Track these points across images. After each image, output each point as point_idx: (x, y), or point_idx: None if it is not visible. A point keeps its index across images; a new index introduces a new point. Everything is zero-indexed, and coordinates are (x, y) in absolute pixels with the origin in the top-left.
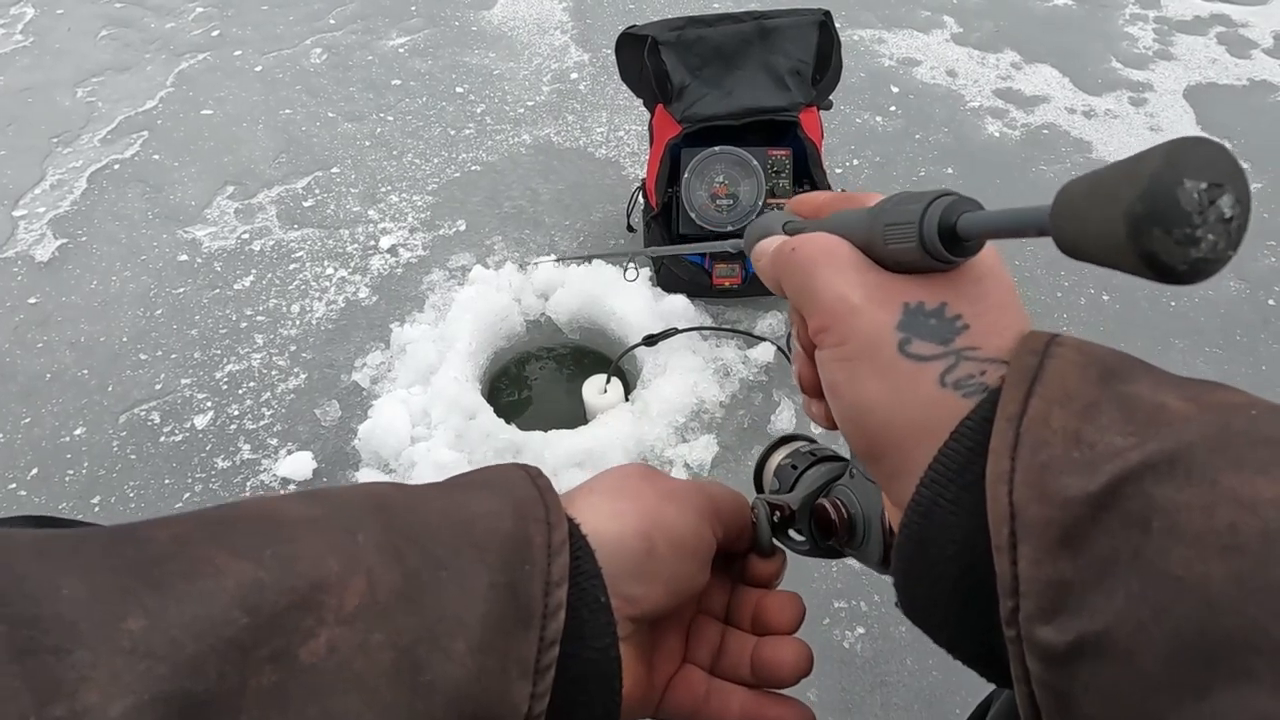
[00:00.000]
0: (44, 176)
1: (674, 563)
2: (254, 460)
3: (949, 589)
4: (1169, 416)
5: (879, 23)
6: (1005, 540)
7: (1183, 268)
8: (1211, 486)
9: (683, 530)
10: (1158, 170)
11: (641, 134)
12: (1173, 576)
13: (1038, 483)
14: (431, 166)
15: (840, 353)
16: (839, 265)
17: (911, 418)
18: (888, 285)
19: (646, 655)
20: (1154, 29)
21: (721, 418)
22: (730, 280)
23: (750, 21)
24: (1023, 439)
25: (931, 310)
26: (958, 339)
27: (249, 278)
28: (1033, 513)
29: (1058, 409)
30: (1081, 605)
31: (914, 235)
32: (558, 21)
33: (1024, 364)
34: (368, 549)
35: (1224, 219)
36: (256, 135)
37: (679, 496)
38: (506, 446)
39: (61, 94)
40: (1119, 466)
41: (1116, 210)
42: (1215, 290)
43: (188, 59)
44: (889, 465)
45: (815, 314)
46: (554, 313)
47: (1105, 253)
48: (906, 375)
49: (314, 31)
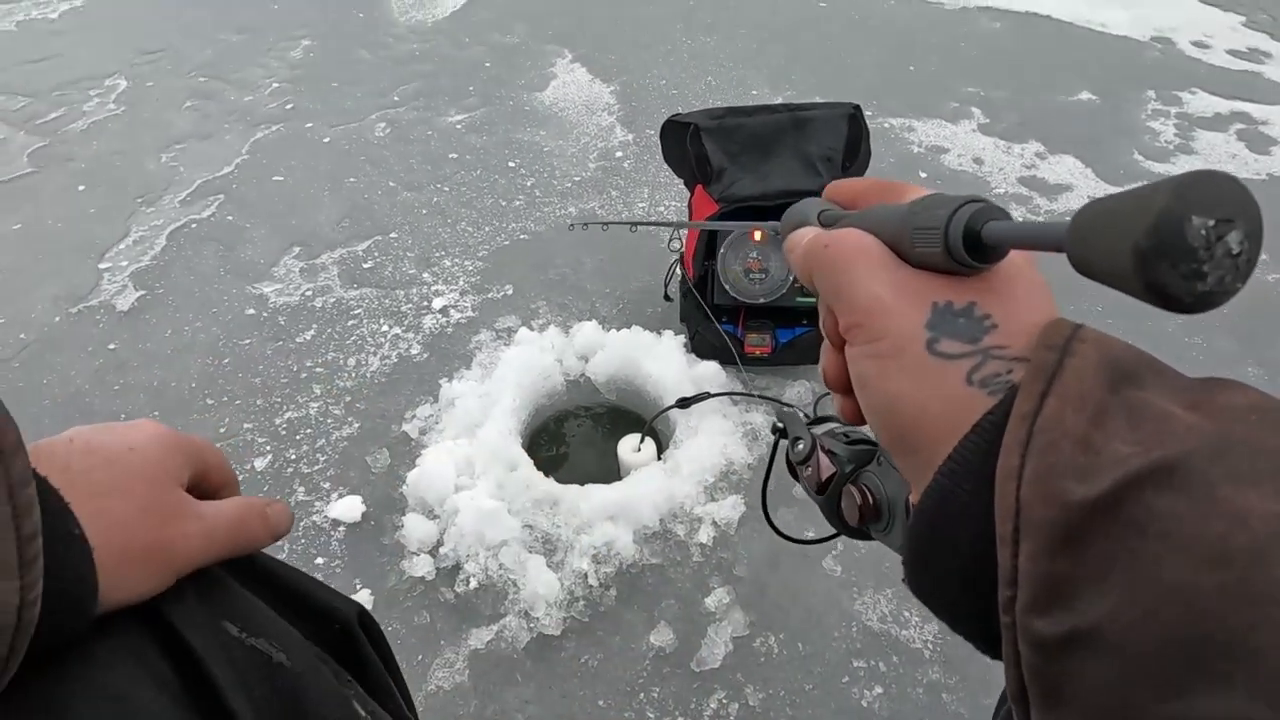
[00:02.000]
0: (128, 233)
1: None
2: (308, 502)
3: (956, 571)
4: (1173, 425)
5: (909, 111)
6: (1009, 534)
7: (1189, 300)
8: (1206, 497)
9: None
10: (1166, 205)
11: (680, 209)
12: (1164, 582)
13: (1044, 483)
14: (483, 234)
15: (871, 350)
16: (871, 264)
17: (939, 413)
18: (918, 284)
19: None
20: (1175, 124)
21: (749, 479)
22: (761, 349)
23: (786, 113)
24: (1035, 438)
25: (960, 309)
26: (985, 338)
27: (310, 332)
28: (1037, 512)
29: (1071, 411)
30: (1075, 602)
31: (939, 241)
32: (605, 104)
33: (1043, 360)
34: None
35: (1231, 254)
36: (322, 201)
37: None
38: (544, 497)
39: (147, 158)
40: (1120, 473)
41: (1126, 242)
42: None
43: (263, 129)
44: (916, 459)
45: (847, 311)
46: (593, 374)
47: (1114, 278)
48: (935, 372)
49: (379, 107)
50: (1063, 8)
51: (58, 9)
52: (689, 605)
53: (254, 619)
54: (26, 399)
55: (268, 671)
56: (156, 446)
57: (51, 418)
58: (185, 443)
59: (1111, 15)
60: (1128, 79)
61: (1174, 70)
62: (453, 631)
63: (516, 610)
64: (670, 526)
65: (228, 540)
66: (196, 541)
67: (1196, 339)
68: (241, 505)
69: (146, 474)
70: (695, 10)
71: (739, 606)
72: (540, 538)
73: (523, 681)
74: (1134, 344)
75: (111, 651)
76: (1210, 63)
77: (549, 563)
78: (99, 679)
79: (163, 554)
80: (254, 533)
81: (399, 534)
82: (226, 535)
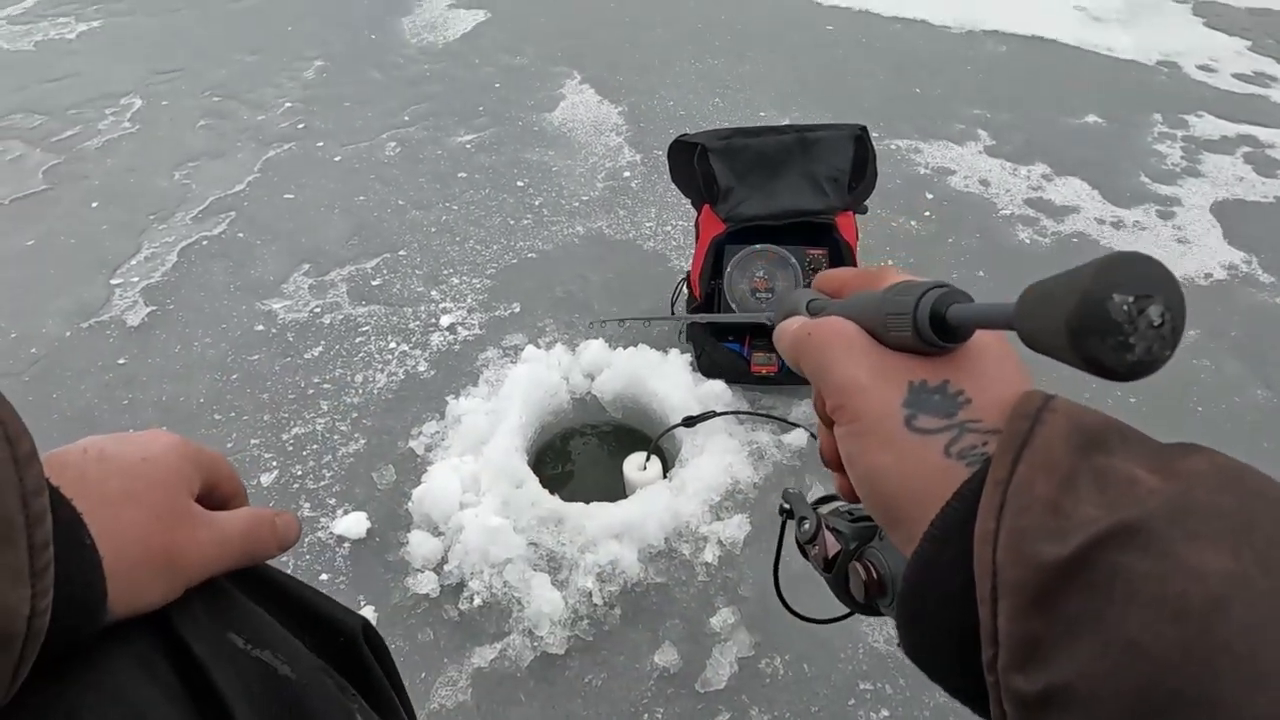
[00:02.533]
0: (140, 249)
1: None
2: (313, 518)
3: (944, 633)
4: (1137, 489)
5: (916, 133)
6: (988, 594)
7: (1122, 370)
8: (1166, 556)
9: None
10: (1089, 286)
11: (687, 229)
12: (1129, 638)
13: (1017, 546)
14: (491, 252)
15: (854, 429)
16: (849, 349)
17: (921, 486)
18: (894, 365)
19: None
20: (1182, 147)
21: (755, 499)
22: (767, 368)
23: (792, 134)
24: (1008, 503)
25: (935, 387)
26: (960, 412)
27: (318, 348)
28: (1011, 573)
29: (1041, 477)
30: (1050, 659)
31: (909, 325)
32: (613, 124)
33: (1015, 429)
34: None
35: (1154, 325)
36: (332, 219)
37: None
38: (549, 515)
39: (161, 176)
40: (1088, 534)
41: (1060, 320)
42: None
43: (275, 148)
44: (904, 530)
45: (830, 393)
46: (599, 392)
47: (1056, 352)
48: (914, 447)
49: (389, 127)
50: (1068, 32)
51: (75, 29)
52: (694, 625)
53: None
54: (35, 413)
55: (272, 683)
56: (170, 456)
57: (60, 432)
58: (198, 453)
59: (1117, 39)
60: (1134, 102)
61: (1180, 93)
62: (456, 649)
63: (520, 629)
64: (675, 545)
65: (238, 550)
66: (208, 550)
67: (1204, 361)
68: (251, 515)
69: (160, 483)
70: (703, 33)
71: (744, 627)
72: (545, 556)
73: (526, 701)
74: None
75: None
76: (1217, 86)
77: (553, 581)
78: (107, 686)
79: (173, 563)
80: (263, 543)
81: (404, 550)
82: (237, 545)
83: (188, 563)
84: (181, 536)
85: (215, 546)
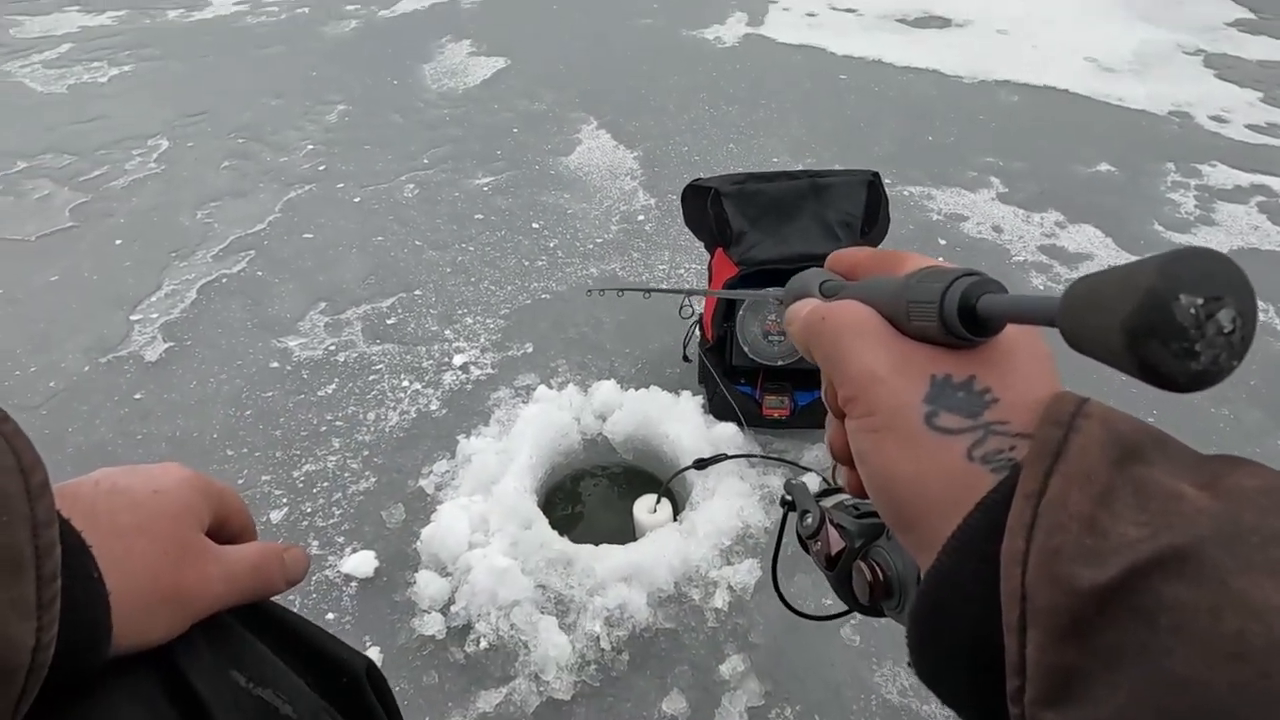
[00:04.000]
0: (160, 286)
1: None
2: (321, 556)
3: (962, 656)
4: (1182, 507)
5: (928, 180)
6: (1015, 621)
7: (1183, 380)
8: (1220, 588)
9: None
10: (1152, 284)
11: (700, 272)
12: (1176, 678)
13: (1050, 568)
14: (505, 293)
15: (867, 423)
16: (866, 336)
17: (939, 490)
18: (915, 356)
19: None
20: (1195, 196)
21: (765, 543)
22: (779, 411)
23: (805, 179)
24: (1039, 520)
25: (959, 383)
26: (986, 412)
27: (332, 386)
28: (1043, 598)
29: (1076, 491)
30: (1085, 695)
31: (935, 314)
32: (628, 169)
33: (1047, 437)
34: None
35: (1224, 333)
36: (350, 258)
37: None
38: (558, 557)
39: (184, 215)
40: (1129, 559)
41: (1115, 319)
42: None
43: (296, 189)
44: (917, 536)
45: (843, 384)
46: (611, 433)
47: (1107, 355)
48: (933, 447)
49: (409, 169)
50: (1080, 82)
51: (107, 74)
52: (703, 672)
53: (262, 669)
54: (50, 446)
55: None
56: (182, 489)
57: (74, 464)
58: (209, 487)
59: (1128, 90)
60: (1146, 151)
61: (1193, 143)
62: (461, 693)
63: (527, 673)
64: (685, 590)
65: (246, 585)
66: (215, 586)
67: (1224, 410)
68: (260, 550)
69: (170, 516)
70: (719, 81)
71: (754, 675)
72: (553, 598)
73: None
74: (1157, 415)
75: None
76: (1229, 136)
77: (561, 624)
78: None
79: (180, 598)
80: (271, 579)
81: (411, 591)
82: (245, 581)
83: (194, 598)
84: (190, 572)
85: (223, 582)
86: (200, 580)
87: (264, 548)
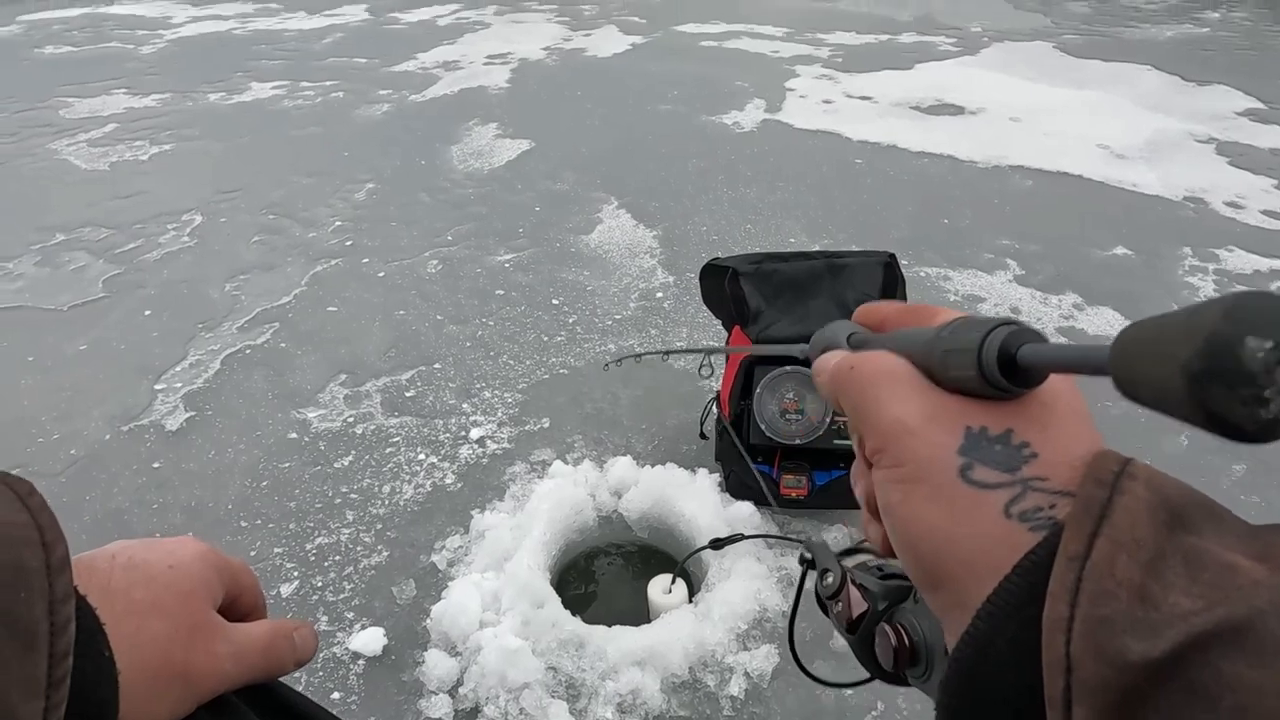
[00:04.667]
0: (185, 356)
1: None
2: (330, 632)
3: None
4: (1238, 579)
5: (945, 262)
6: (1060, 694)
7: (1252, 428)
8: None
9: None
10: (1218, 327)
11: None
12: None
13: (1097, 638)
14: (523, 368)
15: (896, 474)
16: (897, 386)
17: (972, 548)
18: (949, 408)
19: None
20: (1214, 280)
21: (784, 628)
22: (797, 491)
23: (822, 259)
24: (1084, 585)
25: (996, 436)
26: (1025, 467)
27: (348, 458)
28: (1090, 670)
29: (1124, 557)
30: None
31: (973, 363)
32: (648, 247)
33: (1091, 496)
34: None
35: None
36: (372, 331)
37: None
38: (570, 638)
39: (212, 287)
40: (1184, 633)
41: (1173, 365)
42: None
43: (322, 263)
44: (946, 596)
45: (871, 434)
46: (626, 510)
47: (1166, 403)
48: (967, 502)
49: (433, 246)
50: (1094, 168)
51: (148, 151)
52: None
53: None
54: (67, 514)
55: None
56: (196, 565)
57: (90, 534)
58: (224, 563)
59: (1142, 176)
60: (1162, 235)
61: (1209, 228)
62: None
63: None
64: (700, 676)
65: (256, 665)
66: (225, 665)
67: (1254, 498)
68: (270, 630)
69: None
70: (736, 164)
71: None
72: (564, 681)
73: None
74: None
75: None
76: (1246, 222)
77: (571, 709)
78: None
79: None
80: (281, 659)
81: (419, 670)
82: (254, 660)
83: (203, 679)
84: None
85: (232, 662)
86: (209, 660)
87: (274, 627)
